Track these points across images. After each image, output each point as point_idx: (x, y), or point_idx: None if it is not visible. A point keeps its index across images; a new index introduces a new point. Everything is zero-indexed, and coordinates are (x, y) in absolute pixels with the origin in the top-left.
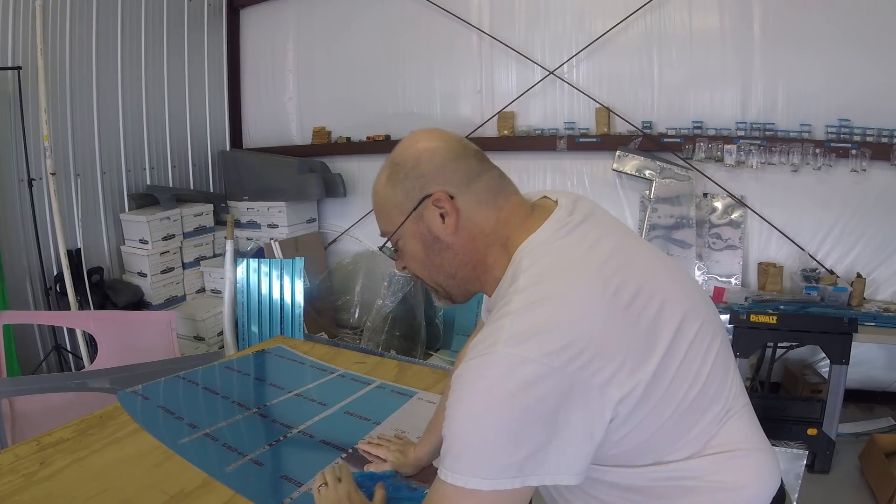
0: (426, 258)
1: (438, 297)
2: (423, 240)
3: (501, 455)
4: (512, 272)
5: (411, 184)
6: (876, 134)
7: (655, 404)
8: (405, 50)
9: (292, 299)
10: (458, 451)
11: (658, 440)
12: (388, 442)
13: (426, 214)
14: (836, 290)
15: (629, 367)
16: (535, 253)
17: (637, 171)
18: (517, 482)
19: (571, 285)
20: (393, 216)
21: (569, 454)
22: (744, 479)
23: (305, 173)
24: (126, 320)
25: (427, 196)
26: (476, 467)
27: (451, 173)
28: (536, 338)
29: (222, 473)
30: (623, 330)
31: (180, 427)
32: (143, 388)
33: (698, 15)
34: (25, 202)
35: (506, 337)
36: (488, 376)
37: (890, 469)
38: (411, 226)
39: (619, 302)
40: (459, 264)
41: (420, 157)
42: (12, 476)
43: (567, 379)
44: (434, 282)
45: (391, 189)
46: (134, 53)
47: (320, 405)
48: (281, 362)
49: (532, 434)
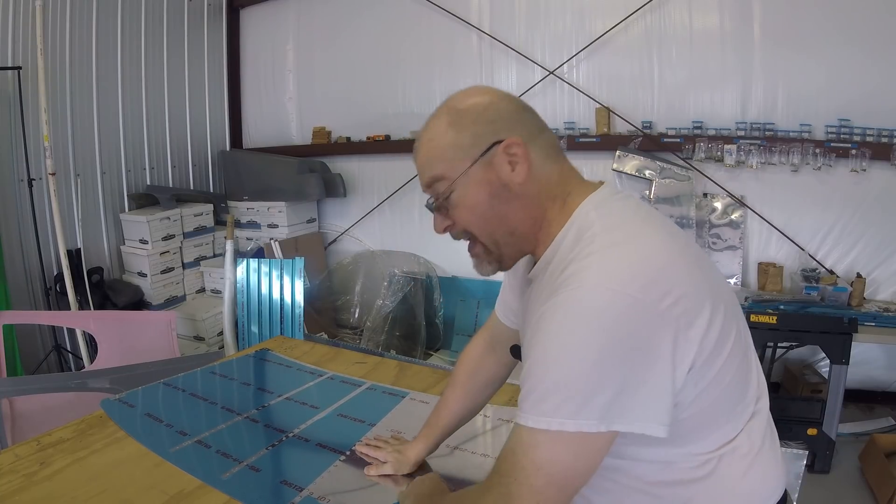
0: (489, 209)
1: (488, 260)
2: (491, 188)
3: (590, 392)
4: (578, 224)
5: (482, 128)
6: (876, 134)
7: (718, 369)
8: (405, 50)
9: (292, 299)
10: (543, 389)
11: (711, 412)
12: (384, 443)
13: (496, 161)
14: (836, 290)
15: (705, 317)
16: (602, 206)
17: (637, 171)
18: (603, 425)
19: (651, 232)
20: (456, 161)
21: (655, 398)
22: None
23: (305, 173)
24: (126, 320)
25: (499, 142)
26: (562, 406)
27: (520, 123)
28: (628, 272)
29: (219, 481)
30: (699, 279)
31: (170, 435)
32: (127, 396)
33: (698, 15)
34: (25, 202)
35: (596, 272)
36: (580, 310)
37: (890, 469)
38: (478, 172)
39: (688, 255)
40: (524, 217)
41: (489, 104)
42: (12, 476)
43: (658, 315)
44: (491, 238)
45: (456, 133)
46: (134, 53)
47: (312, 408)
48: (267, 366)
49: (622, 371)
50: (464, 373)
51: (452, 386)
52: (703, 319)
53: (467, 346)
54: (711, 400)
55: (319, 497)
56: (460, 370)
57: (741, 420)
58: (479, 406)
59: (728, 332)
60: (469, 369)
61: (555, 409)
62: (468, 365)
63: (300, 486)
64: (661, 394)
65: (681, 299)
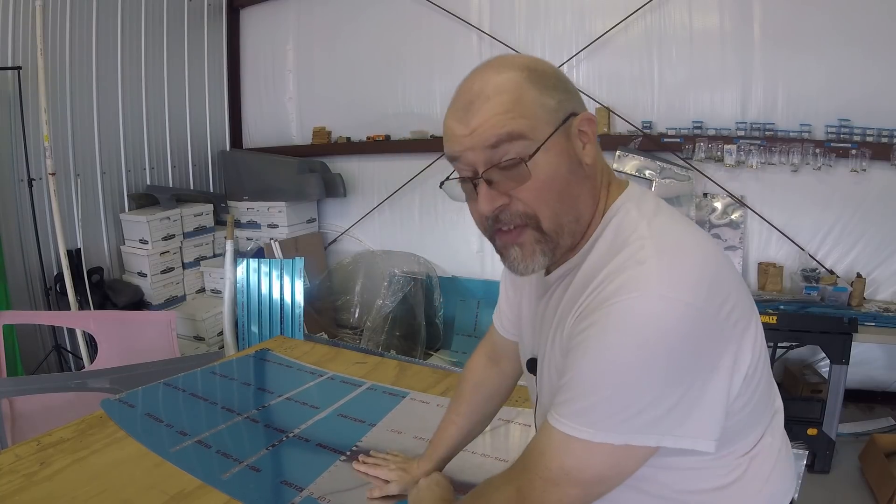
0: (566, 185)
1: (542, 249)
2: (570, 161)
3: (645, 408)
4: (618, 223)
5: (561, 95)
6: (876, 134)
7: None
8: (405, 50)
9: (292, 299)
10: (594, 401)
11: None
12: (384, 460)
13: (572, 134)
14: (836, 290)
15: (754, 321)
16: (642, 205)
17: (637, 171)
18: (652, 440)
19: (695, 233)
20: (541, 122)
21: (710, 412)
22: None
23: (305, 173)
24: (126, 320)
25: (574, 115)
26: (611, 419)
27: (581, 101)
28: (692, 280)
29: (219, 481)
30: (741, 284)
31: (171, 435)
32: (127, 396)
33: (698, 15)
34: (25, 202)
35: (659, 279)
36: (641, 319)
37: (890, 469)
38: (560, 141)
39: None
40: (591, 203)
41: (559, 72)
42: (12, 476)
43: (722, 325)
44: (557, 222)
45: (539, 92)
46: (134, 53)
47: (312, 408)
48: (267, 366)
49: (681, 384)
50: (467, 387)
51: (456, 402)
52: (753, 324)
53: (469, 360)
54: (754, 403)
55: (320, 497)
56: (463, 385)
57: (768, 420)
58: (486, 421)
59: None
60: (473, 383)
61: (600, 421)
62: (471, 378)
63: (300, 487)
64: (716, 408)
65: (736, 305)
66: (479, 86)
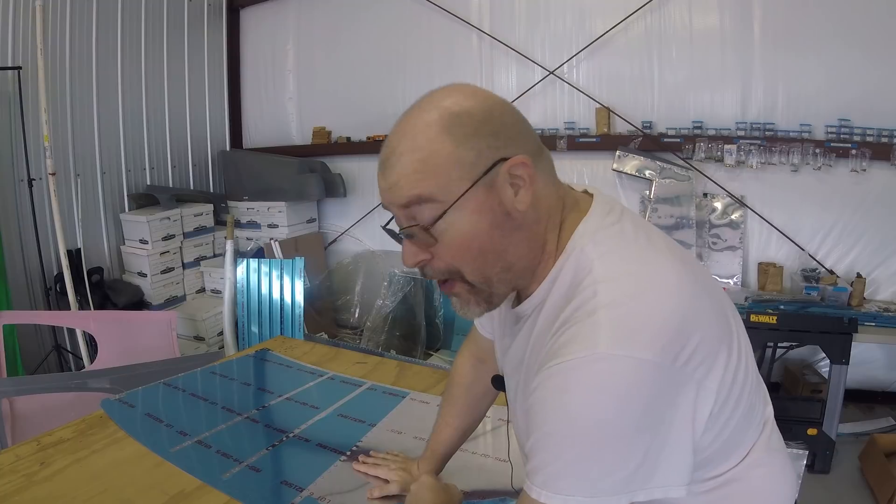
0: (488, 242)
1: (475, 301)
2: (493, 216)
3: (610, 470)
4: (574, 262)
5: (485, 142)
6: (876, 134)
7: (735, 401)
8: (405, 50)
9: (292, 299)
10: (558, 468)
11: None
12: (384, 460)
13: (499, 183)
14: (836, 290)
15: (724, 353)
16: (599, 238)
17: (637, 171)
18: (624, 499)
19: (661, 270)
20: (452, 180)
21: (677, 460)
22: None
23: (305, 173)
24: (126, 320)
25: (503, 160)
26: (580, 484)
27: (525, 136)
28: (643, 333)
29: (219, 481)
30: (711, 313)
31: (171, 435)
32: (127, 396)
33: (698, 15)
34: (25, 202)
35: (609, 334)
36: (595, 381)
37: (890, 469)
38: (478, 196)
39: (699, 285)
40: (525, 251)
41: (493, 109)
42: (12, 476)
43: (679, 375)
44: (482, 276)
45: (453, 145)
46: (134, 53)
47: (313, 408)
48: (267, 366)
49: (643, 442)
50: (458, 388)
51: (449, 404)
52: (721, 360)
53: (455, 361)
54: (730, 431)
55: (320, 497)
56: (454, 387)
57: (754, 435)
58: (480, 418)
59: (740, 357)
60: (463, 384)
61: (571, 488)
62: (461, 380)
63: (300, 487)
64: (682, 454)
65: (699, 347)
66: (396, 140)
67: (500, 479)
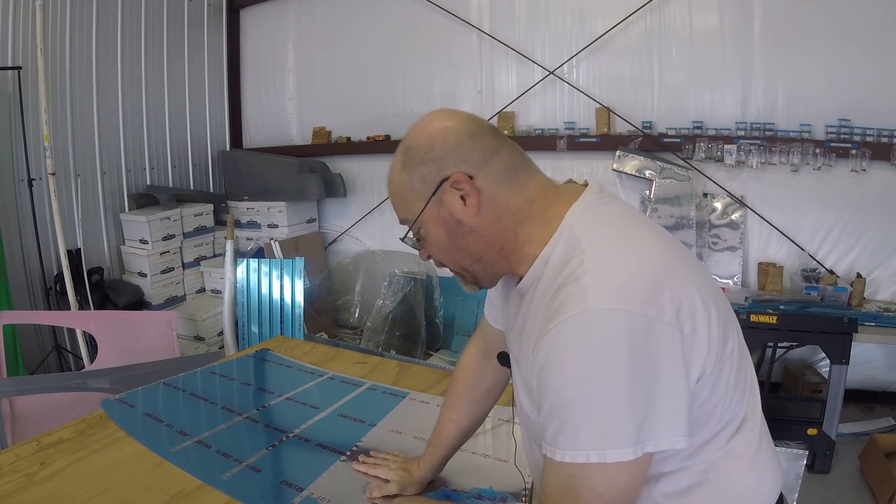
0: (450, 243)
1: (465, 283)
2: (446, 225)
3: (622, 419)
4: (565, 240)
5: (427, 168)
6: (876, 134)
7: (721, 368)
8: (405, 50)
9: (292, 299)
10: (574, 424)
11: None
12: (384, 460)
13: (446, 198)
14: (836, 290)
15: (706, 318)
16: (585, 218)
17: (637, 172)
18: (638, 450)
19: (641, 234)
20: (412, 203)
21: (677, 411)
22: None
23: (305, 173)
24: (126, 320)
25: (445, 179)
26: (597, 438)
27: (467, 153)
28: (627, 288)
29: (220, 481)
30: (694, 278)
31: (171, 435)
32: (127, 396)
33: (698, 15)
34: (25, 202)
35: (595, 294)
36: (590, 337)
37: (890, 469)
38: (432, 211)
39: (679, 258)
40: (486, 246)
41: (433, 139)
42: (12, 476)
43: (665, 327)
44: (459, 267)
45: (407, 176)
46: (134, 53)
47: (313, 408)
48: (267, 366)
49: (645, 392)
50: (463, 383)
51: (453, 399)
52: (704, 321)
53: (462, 356)
54: (716, 400)
55: (320, 497)
56: (459, 382)
57: (737, 422)
58: (483, 416)
59: (728, 331)
60: (468, 379)
61: (589, 442)
62: (466, 375)
63: (300, 487)
64: (681, 407)
65: (682, 305)
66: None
67: (500, 478)
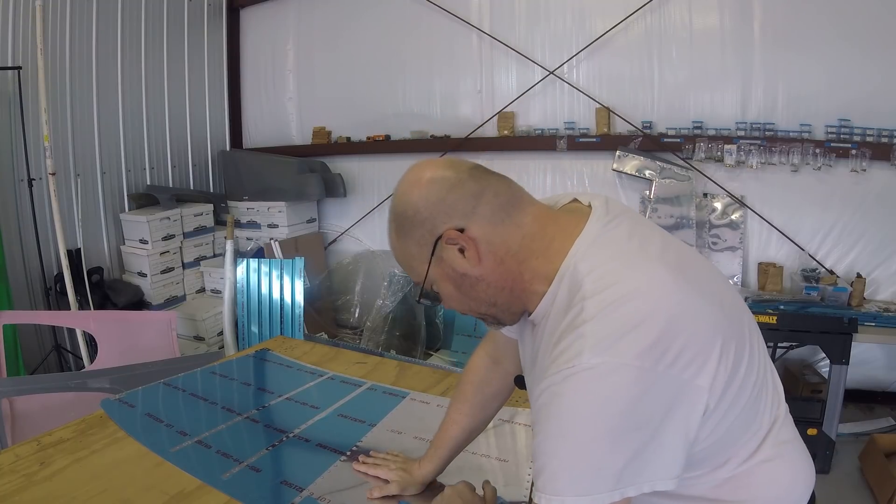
0: (462, 295)
1: (489, 324)
2: (453, 280)
3: (600, 467)
4: (568, 279)
5: (419, 232)
6: (876, 134)
7: (732, 398)
8: (405, 50)
9: (292, 299)
10: (553, 469)
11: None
12: (384, 460)
13: (445, 255)
14: (836, 290)
15: (715, 355)
16: (589, 255)
17: (637, 171)
18: (616, 494)
19: (644, 277)
20: (416, 267)
21: (666, 457)
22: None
23: (305, 173)
24: (126, 320)
25: (439, 238)
26: (574, 484)
27: (451, 206)
28: (624, 340)
29: (219, 481)
30: (703, 313)
31: (171, 435)
32: (127, 396)
33: (698, 15)
34: (25, 202)
35: (591, 344)
36: (579, 388)
37: (890, 469)
38: (436, 270)
39: (692, 288)
40: (496, 291)
41: (417, 202)
42: (12, 476)
43: (660, 378)
44: (479, 313)
45: (404, 243)
46: (134, 53)
47: (312, 408)
48: (267, 366)
49: (629, 441)
50: (470, 386)
51: (459, 401)
52: (713, 360)
53: (470, 359)
54: (727, 426)
55: (320, 497)
56: (466, 384)
57: (761, 433)
58: (487, 420)
59: (741, 355)
60: (475, 382)
61: (566, 487)
62: (473, 377)
63: (300, 487)
64: (674, 451)
65: (685, 349)
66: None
67: (500, 478)
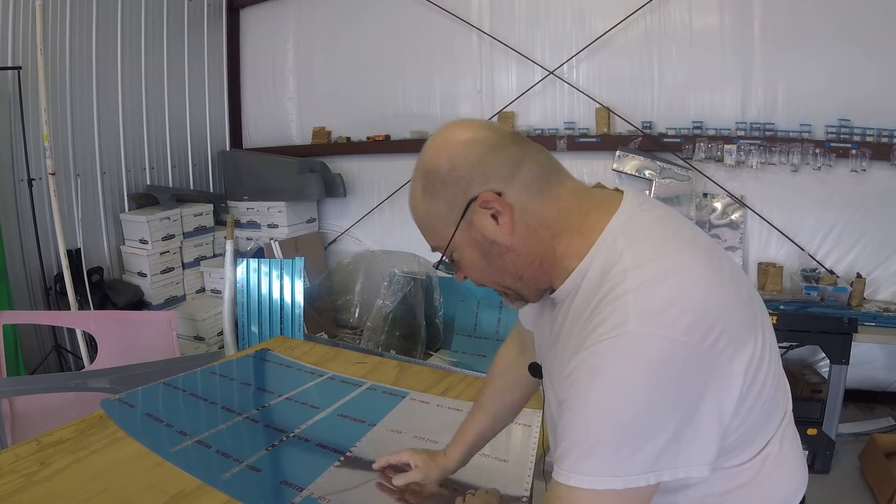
0: (487, 265)
1: (510, 300)
2: (480, 247)
3: (639, 447)
4: (604, 253)
5: (451, 191)
6: (876, 134)
7: (759, 388)
8: (405, 50)
9: (292, 299)
10: (587, 447)
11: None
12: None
13: (476, 220)
14: (836, 290)
15: (749, 344)
16: (627, 231)
17: (637, 171)
18: (652, 477)
19: (683, 258)
20: (440, 230)
21: (703, 441)
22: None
23: (305, 173)
24: (126, 320)
25: (472, 199)
26: (609, 464)
27: (491, 168)
28: (669, 313)
29: (219, 481)
30: (735, 301)
31: (171, 435)
32: (127, 396)
33: (698, 15)
34: (25, 202)
35: (636, 315)
36: (623, 359)
37: (890, 469)
38: (463, 235)
39: (724, 275)
40: (525, 263)
41: (453, 157)
42: (12, 476)
43: (704, 356)
44: (501, 286)
45: (430, 201)
46: (134, 53)
47: (312, 408)
48: (267, 366)
49: (670, 420)
50: (496, 370)
51: (485, 388)
52: (748, 347)
53: (500, 347)
54: (753, 418)
55: (320, 497)
56: (493, 369)
57: (774, 426)
58: (513, 408)
59: (765, 347)
60: (501, 366)
61: (599, 468)
62: (500, 362)
63: (300, 487)
64: (709, 435)
65: (724, 332)
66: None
67: (500, 478)
